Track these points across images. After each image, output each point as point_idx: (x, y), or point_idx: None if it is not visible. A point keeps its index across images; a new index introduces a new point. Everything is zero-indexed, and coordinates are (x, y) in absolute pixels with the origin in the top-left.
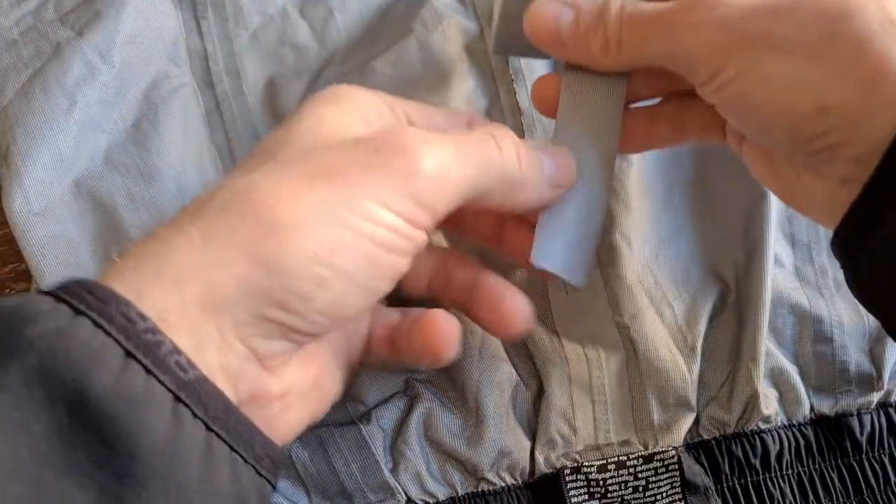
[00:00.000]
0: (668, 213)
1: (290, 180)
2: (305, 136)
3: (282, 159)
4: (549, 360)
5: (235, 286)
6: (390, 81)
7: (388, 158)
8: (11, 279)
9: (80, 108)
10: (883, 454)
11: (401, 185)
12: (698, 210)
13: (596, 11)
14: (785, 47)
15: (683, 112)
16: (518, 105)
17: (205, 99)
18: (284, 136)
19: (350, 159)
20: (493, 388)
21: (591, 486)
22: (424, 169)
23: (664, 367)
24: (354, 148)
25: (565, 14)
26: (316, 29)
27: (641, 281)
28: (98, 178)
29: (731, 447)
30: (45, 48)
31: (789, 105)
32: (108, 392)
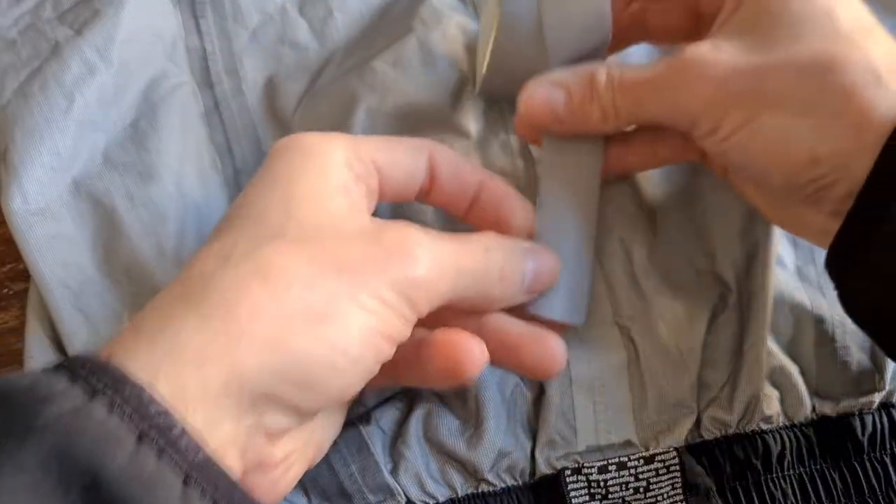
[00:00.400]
0: (667, 214)
1: (307, 266)
2: (304, 205)
3: (292, 238)
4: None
5: (257, 368)
6: (390, 80)
7: (389, 256)
8: (9, 279)
9: (78, 108)
10: (885, 455)
11: (396, 283)
12: (698, 210)
13: (586, 86)
14: (777, 103)
15: (659, 138)
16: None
17: (204, 98)
18: (277, 201)
19: (360, 251)
20: (493, 389)
21: (592, 486)
22: (419, 273)
23: (665, 367)
24: (363, 240)
25: (557, 94)
26: (315, 28)
27: (641, 282)
28: (97, 177)
29: (732, 448)
30: (44, 47)
31: (784, 156)
32: (121, 474)
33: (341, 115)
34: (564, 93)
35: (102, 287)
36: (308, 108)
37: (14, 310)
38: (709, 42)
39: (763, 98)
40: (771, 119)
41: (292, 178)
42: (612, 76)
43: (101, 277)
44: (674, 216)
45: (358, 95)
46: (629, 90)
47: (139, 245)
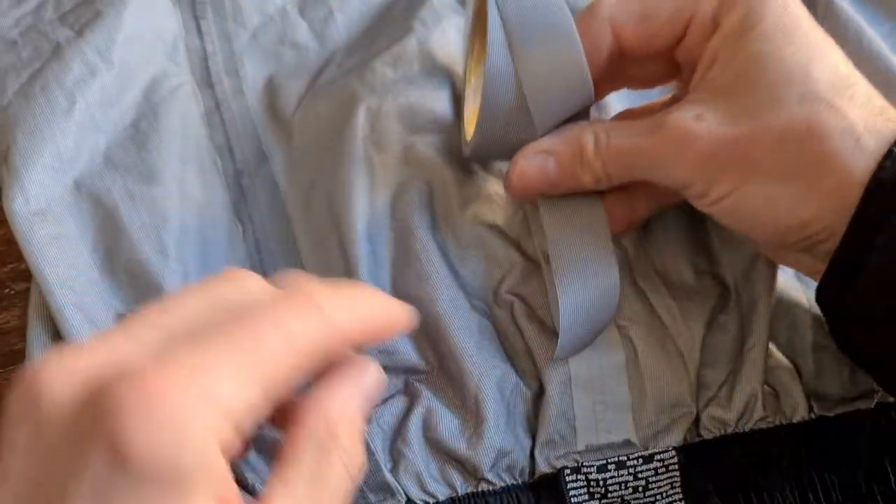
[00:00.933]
0: (667, 215)
1: None
2: None
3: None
4: (549, 361)
5: None
6: (389, 81)
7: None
8: (11, 279)
9: (79, 108)
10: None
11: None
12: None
13: (576, 152)
14: (761, 171)
15: (657, 187)
16: None
17: (204, 99)
18: None
19: None
20: (493, 388)
21: (591, 486)
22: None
23: (664, 367)
24: None
25: (548, 162)
26: (316, 28)
27: (641, 282)
28: (98, 177)
29: (730, 447)
30: (45, 48)
31: (772, 220)
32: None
33: (341, 116)
34: (555, 160)
35: (104, 287)
36: (308, 109)
37: (16, 310)
38: (691, 110)
39: (747, 167)
40: (757, 186)
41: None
42: (600, 143)
43: (103, 278)
44: (674, 216)
45: (358, 96)
46: (617, 157)
47: (140, 245)
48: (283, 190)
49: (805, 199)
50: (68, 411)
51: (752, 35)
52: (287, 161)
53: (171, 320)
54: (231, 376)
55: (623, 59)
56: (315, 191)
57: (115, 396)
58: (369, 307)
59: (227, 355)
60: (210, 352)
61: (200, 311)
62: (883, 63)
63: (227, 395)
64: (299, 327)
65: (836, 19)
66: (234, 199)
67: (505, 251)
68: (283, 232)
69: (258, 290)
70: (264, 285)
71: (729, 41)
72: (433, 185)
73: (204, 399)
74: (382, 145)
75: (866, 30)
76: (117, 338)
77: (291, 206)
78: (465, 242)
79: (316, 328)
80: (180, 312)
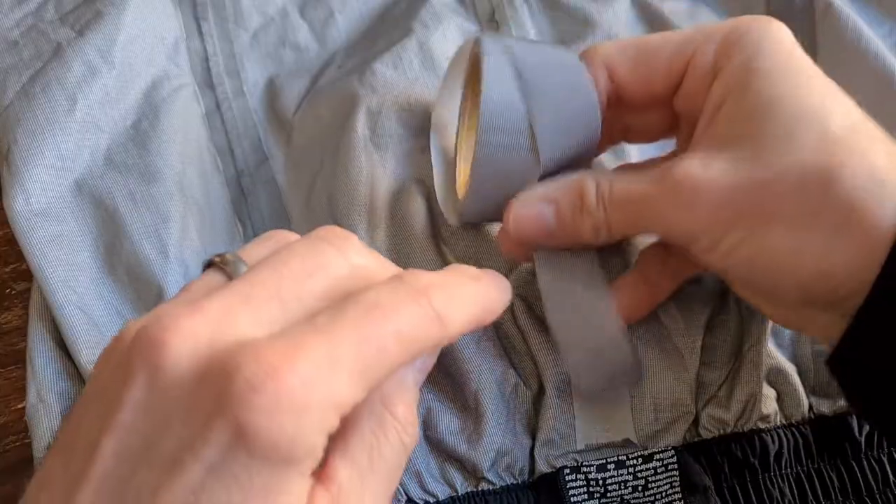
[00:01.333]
0: None
1: None
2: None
3: None
4: (548, 360)
5: None
6: (390, 82)
7: None
8: (12, 279)
9: (80, 108)
10: (882, 454)
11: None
12: None
13: (576, 200)
14: (778, 219)
15: (673, 259)
16: None
17: (205, 100)
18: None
19: None
20: (492, 388)
21: (591, 485)
22: None
23: (664, 367)
24: None
25: (547, 211)
26: (316, 29)
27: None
28: (99, 177)
29: (730, 447)
30: (46, 48)
31: (793, 270)
32: None
33: (341, 116)
34: (554, 208)
35: (105, 287)
36: (308, 110)
37: (17, 309)
38: (697, 158)
39: (762, 215)
40: (774, 235)
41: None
42: (602, 191)
43: (104, 278)
44: None
45: (358, 97)
46: (619, 207)
47: (141, 245)
48: (283, 190)
49: (828, 248)
50: (189, 379)
51: (759, 79)
52: (287, 161)
53: (287, 292)
54: (350, 376)
55: (621, 108)
56: (315, 191)
57: (244, 381)
58: (474, 301)
59: (349, 356)
60: (334, 348)
61: (315, 286)
62: (882, 63)
63: (344, 393)
64: (416, 334)
65: (836, 19)
66: (234, 200)
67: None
68: None
69: (365, 265)
70: (368, 259)
71: (733, 87)
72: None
73: (325, 396)
74: (382, 146)
75: (865, 30)
76: (234, 301)
77: (291, 207)
78: (465, 242)
79: (429, 335)
80: (294, 286)
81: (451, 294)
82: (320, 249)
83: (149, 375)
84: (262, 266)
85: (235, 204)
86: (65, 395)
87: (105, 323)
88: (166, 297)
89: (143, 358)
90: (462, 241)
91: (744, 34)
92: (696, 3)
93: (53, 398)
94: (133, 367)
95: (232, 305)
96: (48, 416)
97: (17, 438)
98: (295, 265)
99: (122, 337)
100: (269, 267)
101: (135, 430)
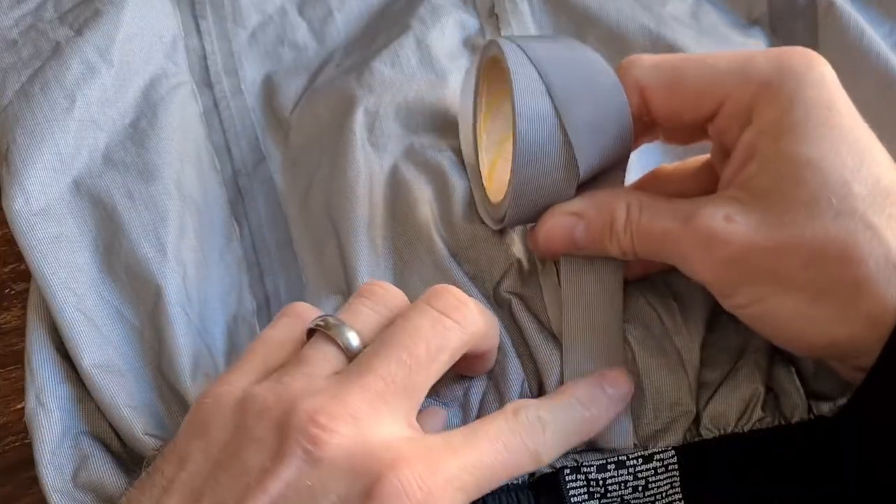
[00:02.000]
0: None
1: None
2: None
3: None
4: (549, 361)
5: None
6: (388, 80)
7: None
8: (11, 279)
9: (79, 107)
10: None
11: None
12: None
13: (606, 222)
14: (790, 286)
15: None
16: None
17: (203, 98)
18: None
19: None
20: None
21: (591, 485)
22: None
23: (664, 367)
24: None
25: (577, 225)
26: (315, 28)
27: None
28: (97, 176)
29: (730, 447)
30: (45, 48)
31: (800, 335)
32: None
33: (339, 115)
34: (584, 226)
35: (104, 287)
36: (306, 108)
37: (16, 310)
38: (723, 209)
39: (776, 279)
40: (786, 301)
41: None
42: (632, 218)
43: (103, 277)
44: None
45: (356, 95)
46: (645, 238)
47: (139, 244)
48: (280, 190)
49: (836, 321)
50: (343, 471)
51: (793, 136)
52: (285, 161)
53: (415, 384)
54: (466, 495)
55: (653, 120)
56: (313, 191)
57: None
58: (576, 435)
59: (473, 476)
60: (463, 468)
61: (439, 370)
62: (883, 63)
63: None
64: (514, 465)
65: (838, 19)
66: (231, 199)
67: (505, 251)
68: (280, 232)
69: (475, 333)
70: (480, 324)
71: (767, 139)
72: (432, 185)
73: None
74: (380, 145)
75: (866, 30)
76: (375, 402)
77: (289, 206)
78: (464, 242)
79: (521, 467)
80: (421, 378)
81: (556, 430)
82: (443, 329)
83: (306, 462)
84: (390, 356)
85: (232, 203)
86: (63, 398)
87: (105, 324)
88: (165, 298)
89: (302, 447)
90: (463, 240)
91: (784, 82)
92: (700, 2)
93: (52, 402)
94: (289, 448)
95: (375, 407)
96: (47, 419)
97: (16, 439)
98: (421, 352)
99: (247, 405)
100: (397, 359)
101: (284, 501)
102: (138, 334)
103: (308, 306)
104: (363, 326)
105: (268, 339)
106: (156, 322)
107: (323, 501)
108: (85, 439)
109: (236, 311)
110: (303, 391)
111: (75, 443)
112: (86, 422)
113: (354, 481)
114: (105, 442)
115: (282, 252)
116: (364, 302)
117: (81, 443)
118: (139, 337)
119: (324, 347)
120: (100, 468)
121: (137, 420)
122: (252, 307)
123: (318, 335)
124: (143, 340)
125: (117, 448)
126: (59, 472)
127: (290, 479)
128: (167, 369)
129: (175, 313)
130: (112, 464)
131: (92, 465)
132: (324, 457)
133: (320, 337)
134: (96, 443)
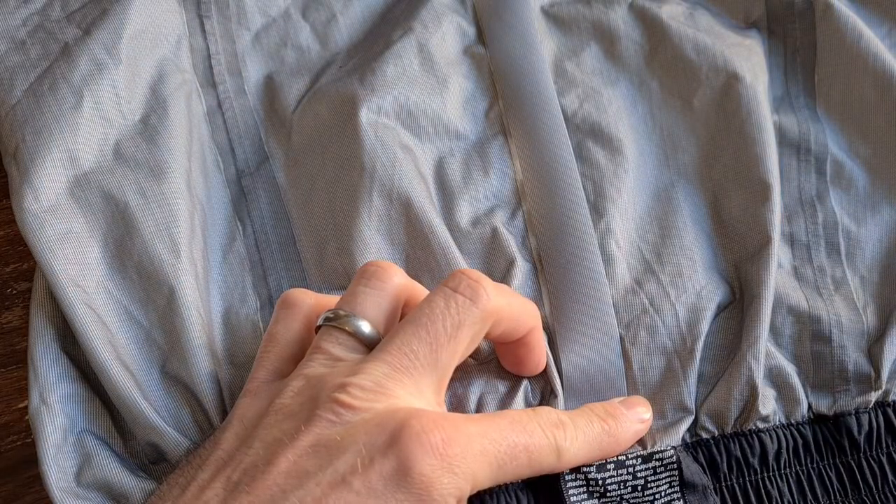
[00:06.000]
0: (669, 214)
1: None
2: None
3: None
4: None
5: None
6: (389, 82)
7: None
8: (13, 279)
9: (87, 104)
10: (881, 453)
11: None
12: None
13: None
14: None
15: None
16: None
17: (207, 98)
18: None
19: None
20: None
21: (590, 485)
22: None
23: (663, 366)
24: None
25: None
26: (318, 30)
27: (641, 285)
28: (108, 173)
29: (729, 446)
30: (53, 47)
31: None
32: None
33: (341, 116)
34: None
35: (114, 285)
36: (308, 109)
37: (17, 309)
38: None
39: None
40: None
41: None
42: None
43: (113, 275)
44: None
45: (358, 96)
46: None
47: (153, 244)
48: (283, 190)
49: None
50: (371, 426)
51: None
52: (287, 161)
53: (438, 360)
54: (490, 468)
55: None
56: (315, 191)
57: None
58: (598, 448)
59: (492, 451)
60: (488, 441)
61: (458, 347)
62: (882, 64)
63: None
64: (537, 456)
65: (836, 20)
66: (234, 199)
67: (505, 251)
68: (283, 231)
69: (496, 307)
70: (498, 299)
71: None
72: (433, 186)
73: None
74: (382, 146)
75: (865, 30)
76: (401, 377)
77: (292, 206)
78: (464, 242)
79: (544, 462)
80: (443, 353)
81: (576, 433)
82: (455, 305)
83: (335, 424)
84: (410, 334)
85: (235, 203)
86: (67, 397)
87: (113, 322)
88: (179, 300)
89: (332, 410)
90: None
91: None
92: (695, 6)
93: (56, 400)
94: (320, 412)
95: (401, 381)
96: (51, 418)
97: (17, 438)
98: (438, 328)
99: (280, 389)
100: (416, 337)
101: (313, 453)
102: (146, 334)
103: (303, 291)
104: (366, 309)
105: (275, 335)
106: (168, 324)
107: (350, 450)
108: (88, 438)
109: (240, 309)
110: (331, 372)
111: (79, 441)
112: (89, 421)
113: (380, 432)
114: (108, 441)
115: (285, 251)
116: (363, 282)
117: (85, 441)
118: (146, 337)
119: (339, 337)
120: (103, 467)
121: (153, 413)
122: (255, 305)
123: (329, 327)
124: (150, 341)
125: (120, 447)
126: (63, 471)
127: (319, 433)
128: (179, 371)
129: (189, 316)
130: (116, 463)
131: (95, 463)
132: (352, 419)
133: (332, 329)
134: (100, 442)
